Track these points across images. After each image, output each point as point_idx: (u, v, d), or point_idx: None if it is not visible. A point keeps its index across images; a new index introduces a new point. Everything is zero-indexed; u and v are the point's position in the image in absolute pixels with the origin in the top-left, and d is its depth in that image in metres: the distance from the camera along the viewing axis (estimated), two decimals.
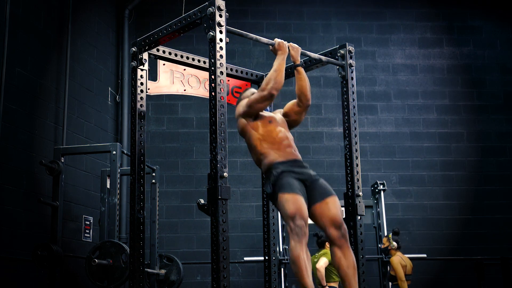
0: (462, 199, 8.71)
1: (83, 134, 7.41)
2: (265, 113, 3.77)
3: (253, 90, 3.96)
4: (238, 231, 8.23)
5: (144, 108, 3.79)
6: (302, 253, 3.25)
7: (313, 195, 3.52)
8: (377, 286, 7.41)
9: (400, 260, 6.76)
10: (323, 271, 6.35)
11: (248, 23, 8.76)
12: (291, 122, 3.87)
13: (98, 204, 6.61)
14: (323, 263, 6.34)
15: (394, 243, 6.87)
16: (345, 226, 3.47)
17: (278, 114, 3.86)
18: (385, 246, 7.00)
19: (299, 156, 3.66)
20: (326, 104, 8.84)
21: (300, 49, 3.83)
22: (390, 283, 7.13)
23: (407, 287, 6.73)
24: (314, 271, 6.37)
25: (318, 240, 6.68)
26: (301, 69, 3.80)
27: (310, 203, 3.50)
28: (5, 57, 5.82)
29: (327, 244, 6.74)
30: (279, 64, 3.62)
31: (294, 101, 3.86)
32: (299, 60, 3.80)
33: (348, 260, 3.43)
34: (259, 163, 3.68)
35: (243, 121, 3.76)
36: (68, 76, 7.05)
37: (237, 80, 4.45)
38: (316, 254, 6.53)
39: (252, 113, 3.70)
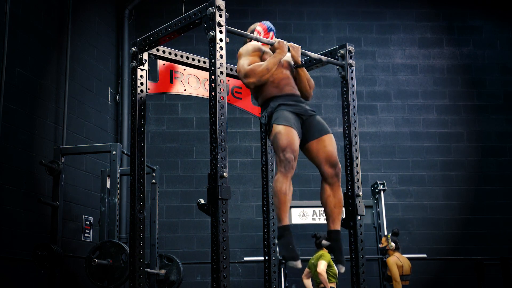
0: (462, 199, 8.71)
1: (83, 134, 7.41)
2: (267, 54, 3.76)
3: (249, 48, 3.79)
4: (238, 231, 8.23)
5: (144, 108, 3.80)
6: (285, 186, 3.30)
7: (310, 131, 3.57)
8: (377, 286, 7.41)
9: (396, 261, 6.75)
10: (325, 274, 6.35)
11: (248, 23, 8.70)
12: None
13: (98, 204, 6.61)
14: (323, 266, 6.32)
15: (392, 244, 6.87)
16: (339, 165, 3.55)
17: (287, 56, 3.80)
18: (383, 245, 7.00)
19: (298, 92, 3.71)
20: (326, 104, 8.84)
21: (300, 49, 3.83)
22: (386, 283, 7.15)
23: (401, 287, 6.73)
24: (316, 274, 6.36)
25: (316, 241, 6.66)
26: (303, 69, 3.81)
27: (306, 139, 3.57)
28: (5, 57, 5.82)
29: None
30: (272, 63, 3.61)
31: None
32: (299, 60, 3.80)
33: (336, 198, 3.53)
34: (259, 97, 3.70)
35: (250, 81, 3.68)
36: (68, 76, 7.05)
37: (237, 80, 4.44)
38: (314, 256, 6.52)
39: (249, 75, 3.64)
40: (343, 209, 3.61)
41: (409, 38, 9.20)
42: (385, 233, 7.39)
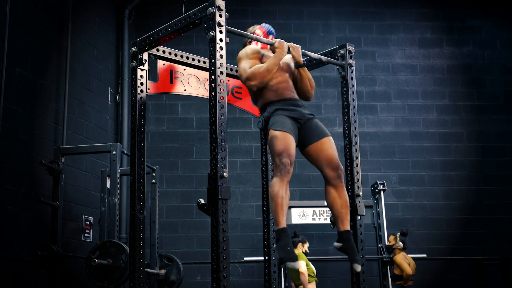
0: (462, 199, 8.70)
1: (83, 134, 7.41)
2: (265, 56, 3.75)
3: (248, 51, 3.77)
4: (238, 231, 8.23)
5: (144, 108, 3.80)
6: (281, 190, 3.32)
7: (309, 135, 3.59)
8: (377, 286, 7.41)
9: (403, 259, 6.82)
10: (307, 275, 6.39)
11: (248, 23, 8.70)
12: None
13: (98, 204, 6.60)
14: (304, 266, 6.36)
15: (400, 243, 6.92)
16: (341, 166, 3.56)
17: (286, 59, 3.80)
18: (390, 244, 7.01)
19: (296, 96, 3.71)
20: (326, 104, 8.84)
21: (300, 48, 3.83)
22: (390, 282, 7.14)
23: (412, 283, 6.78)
24: (294, 276, 6.38)
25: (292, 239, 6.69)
26: (304, 69, 3.80)
27: (305, 143, 3.59)
28: (5, 57, 5.82)
29: (300, 245, 6.79)
30: (272, 63, 3.61)
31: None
32: (301, 60, 3.79)
33: (342, 199, 3.53)
34: (256, 101, 3.74)
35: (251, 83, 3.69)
36: (68, 76, 7.05)
37: (237, 80, 4.45)
38: None
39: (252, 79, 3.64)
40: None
41: (409, 38, 9.20)
42: (385, 233, 7.39)
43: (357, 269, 3.45)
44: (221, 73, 3.17)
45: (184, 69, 4.11)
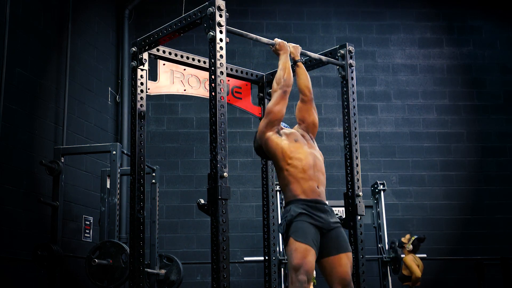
0: (462, 199, 8.70)
1: (83, 134, 7.41)
2: (286, 130, 3.62)
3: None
4: (238, 231, 8.23)
5: (144, 108, 3.80)
6: None
7: (328, 246, 3.33)
8: (377, 286, 7.41)
9: (413, 260, 6.86)
10: None
11: (248, 23, 8.76)
12: (310, 125, 3.71)
13: (98, 204, 6.60)
14: None
15: (410, 246, 6.95)
16: (352, 285, 3.35)
17: (298, 129, 3.69)
18: (404, 240, 7.03)
19: (323, 194, 3.46)
20: (326, 104, 8.84)
21: (299, 48, 3.84)
22: (390, 282, 7.14)
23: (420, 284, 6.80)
24: None
25: None
26: (301, 64, 3.80)
27: (323, 254, 3.33)
28: (5, 57, 5.82)
29: None
30: (283, 63, 3.62)
31: (299, 103, 3.75)
32: (298, 56, 3.80)
33: None
34: (283, 191, 3.49)
35: (268, 134, 3.52)
36: (68, 76, 7.05)
37: (237, 80, 4.45)
38: None
39: (274, 119, 3.51)
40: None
41: (409, 38, 9.20)
42: (385, 233, 7.39)
43: None
44: (221, 73, 3.17)
45: (184, 69, 4.11)
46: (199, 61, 4.12)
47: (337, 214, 3.56)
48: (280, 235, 3.57)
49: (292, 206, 3.36)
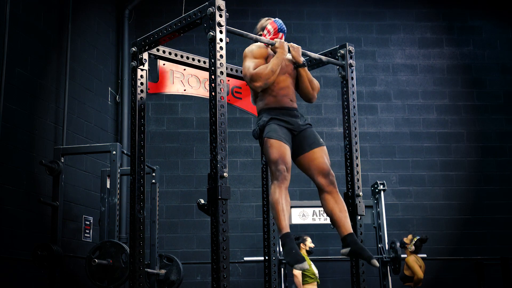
0: (462, 199, 8.70)
1: (83, 134, 7.41)
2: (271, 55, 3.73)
3: (254, 49, 3.74)
4: (238, 231, 8.23)
5: (144, 108, 3.80)
6: (281, 197, 3.35)
7: (301, 146, 3.61)
8: (377, 286, 7.41)
9: (415, 260, 6.86)
10: (300, 277, 6.41)
11: (248, 23, 8.75)
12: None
13: (98, 204, 6.60)
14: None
15: (412, 247, 6.96)
16: (332, 172, 3.58)
17: (289, 61, 3.77)
18: (406, 241, 7.04)
19: (294, 105, 3.69)
20: (326, 104, 8.84)
21: (300, 49, 3.82)
22: (390, 281, 7.15)
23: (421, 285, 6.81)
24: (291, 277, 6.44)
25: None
26: (304, 69, 3.77)
27: (298, 153, 3.61)
28: (5, 57, 5.82)
29: (301, 245, 6.79)
30: (274, 64, 3.59)
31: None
32: (301, 60, 3.76)
33: (339, 204, 3.54)
34: (255, 101, 3.75)
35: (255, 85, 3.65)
36: (68, 76, 7.05)
37: (237, 80, 4.45)
38: None
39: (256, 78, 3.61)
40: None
41: (409, 38, 9.20)
42: (385, 233, 7.39)
43: (375, 264, 3.36)
44: (221, 73, 3.17)
45: (184, 69, 4.11)
46: (199, 61, 4.12)
47: None
48: (255, 139, 3.75)
49: (263, 114, 3.62)
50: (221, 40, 3.20)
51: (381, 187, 7.55)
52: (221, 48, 3.19)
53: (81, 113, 7.41)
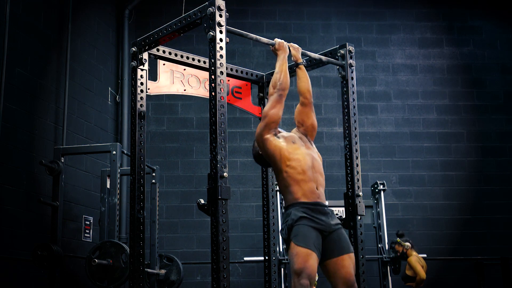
0: (462, 199, 8.70)
1: (83, 134, 7.41)
2: (284, 133, 3.61)
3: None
4: (238, 231, 8.23)
5: (144, 108, 3.80)
6: None
7: (330, 249, 3.34)
8: (377, 286, 7.41)
9: (418, 260, 6.85)
10: None
11: (248, 23, 8.76)
12: (309, 128, 3.69)
13: (98, 204, 6.61)
14: None
15: (407, 244, 6.93)
16: (356, 286, 3.34)
17: (296, 132, 3.68)
18: (400, 251, 6.99)
19: (323, 196, 3.45)
20: (326, 104, 8.84)
21: (300, 49, 3.84)
22: (390, 282, 7.14)
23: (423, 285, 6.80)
24: None
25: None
26: (303, 68, 3.80)
27: (325, 256, 3.34)
28: (5, 57, 5.82)
29: None
30: (280, 65, 3.61)
31: (298, 106, 3.75)
32: (300, 58, 3.80)
33: None
34: (283, 193, 3.48)
35: (265, 137, 3.49)
36: (68, 76, 7.05)
37: (237, 80, 4.45)
38: None
39: (270, 122, 3.48)
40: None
41: (409, 38, 9.20)
42: (385, 233, 7.38)
43: None
44: (221, 73, 3.17)
45: (184, 69, 4.11)
46: (199, 61, 4.12)
47: (337, 214, 3.56)
48: (282, 239, 3.56)
49: (292, 209, 3.35)
50: (221, 40, 3.20)
51: (381, 187, 7.55)
52: (221, 48, 3.19)
53: (81, 113, 7.41)
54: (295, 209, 3.34)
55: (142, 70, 3.82)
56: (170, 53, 3.98)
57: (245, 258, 7.82)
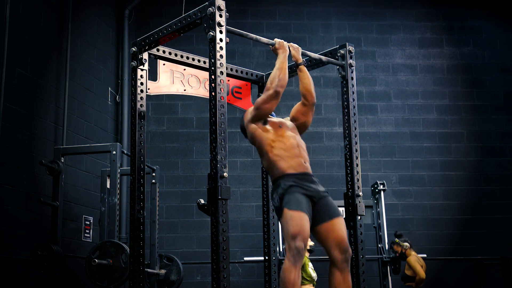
0: (462, 199, 8.70)
1: (83, 134, 7.41)
2: (273, 118, 3.71)
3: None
4: (238, 231, 8.23)
5: (144, 108, 3.80)
6: (294, 275, 3.20)
7: (320, 214, 3.42)
8: (377, 286, 7.41)
9: (417, 260, 6.85)
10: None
11: (248, 23, 8.76)
12: (301, 125, 3.79)
13: (98, 204, 6.60)
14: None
15: (406, 244, 6.94)
16: (350, 250, 3.41)
17: (287, 120, 3.80)
18: (398, 251, 7.00)
19: (310, 169, 3.55)
20: (326, 104, 8.84)
21: (300, 49, 3.84)
22: (390, 282, 7.14)
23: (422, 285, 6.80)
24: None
25: None
26: (304, 68, 3.81)
27: (316, 222, 3.41)
28: (5, 57, 5.82)
29: None
30: (281, 63, 3.62)
31: (299, 103, 3.82)
32: (300, 59, 3.81)
33: (347, 284, 3.39)
34: (269, 170, 3.57)
35: (252, 126, 3.64)
36: (68, 76, 7.05)
37: (237, 80, 4.45)
38: None
39: (261, 115, 3.61)
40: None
41: (409, 38, 9.20)
42: (385, 233, 7.38)
43: None
44: (221, 73, 3.17)
45: (184, 69, 4.11)
46: (199, 61, 4.12)
47: None
48: (273, 207, 3.64)
49: (281, 180, 3.45)
50: (221, 40, 3.20)
51: (381, 187, 7.55)
52: (221, 48, 3.19)
53: (81, 113, 7.41)
54: (284, 179, 3.44)
55: (142, 70, 3.82)
56: (170, 53, 3.98)
57: (245, 258, 7.82)
